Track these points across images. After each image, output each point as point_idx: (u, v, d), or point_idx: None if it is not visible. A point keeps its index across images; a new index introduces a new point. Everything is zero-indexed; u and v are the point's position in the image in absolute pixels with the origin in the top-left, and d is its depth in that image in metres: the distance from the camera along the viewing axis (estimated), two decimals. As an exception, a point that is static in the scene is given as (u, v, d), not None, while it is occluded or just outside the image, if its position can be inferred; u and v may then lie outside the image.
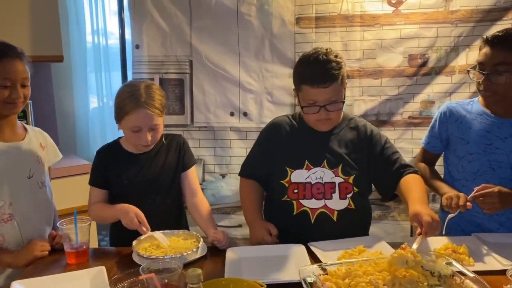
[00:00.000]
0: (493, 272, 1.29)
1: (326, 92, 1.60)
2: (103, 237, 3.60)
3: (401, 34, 2.51)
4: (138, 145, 1.71)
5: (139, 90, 1.65)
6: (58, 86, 3.31)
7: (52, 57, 2.83)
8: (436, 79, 2.52)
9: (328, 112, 1.63)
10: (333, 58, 1.61)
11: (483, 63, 1.60)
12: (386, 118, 2.58)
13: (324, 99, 1.61)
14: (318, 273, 1.23)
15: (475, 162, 1.70)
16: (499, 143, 1.66)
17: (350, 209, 1.67)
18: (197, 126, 2.70)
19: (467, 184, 1.70)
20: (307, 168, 1.69)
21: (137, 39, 2.66)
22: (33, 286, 1.32)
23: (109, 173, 1.74)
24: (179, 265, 1.16)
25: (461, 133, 1.73)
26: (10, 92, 1.53)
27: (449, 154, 1.81)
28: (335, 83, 1.60)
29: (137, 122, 1.64)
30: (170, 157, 1.79)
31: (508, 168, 1.66)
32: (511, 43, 1.56)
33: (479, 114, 1.71)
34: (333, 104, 1.62)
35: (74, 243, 1.51)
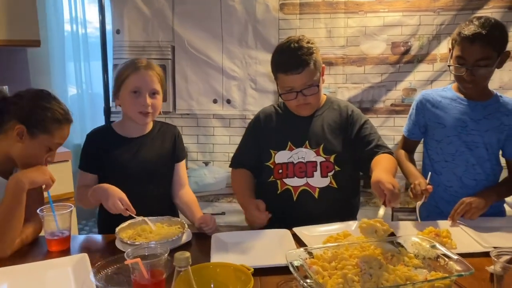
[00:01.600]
0: (476, 255, 1.32)
1: (300, 78, 1.65)
2: (83, 226, 3.56)
3: (384, 21, 2.52)
4: (137, 114, 1.68)
5: (139, 59, 1.72)
6: (34, 72, 3.22)
7: (28, 42, 2.74)
8: (418, 67, 2.55)
9: (305, 96, 1.69)
10: (304, 45, 1.66)
11: (464, 58, 1.65)
12: (369, 106, 2.59)
13: (299, 85, 1.67)
14: (304, 257, 1.23)
15: (453, 144, 1.78)
16: (474, 124, 1.74)
17: (331, 187, 1.72)
18: (180, 113, 2.67)
19: (446, 165, 1.81)
20: (289, 149, 1.76)
21: (117, 24, 2.60)
22: (13, 274, 1.29)
23: (100, 157, 1.71)
24: (165, 250, 1.14)
25: (437, 118, 1.80)
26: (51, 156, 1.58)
27: (428, 139, 1.88)
28: (308, 68, 1.65)
29: (137, 83, 1.65)
30: (165, 145, 1.78)
31: (483, 147, 1.75)
32: (490, 38, 1.60)
33: (453, 99, 1.79)
34: (309, 89, 1.68)
35: (55, 230, 1.48)
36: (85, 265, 1.32)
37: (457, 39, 1.67)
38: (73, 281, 1.26)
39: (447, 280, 1.14)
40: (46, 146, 1.53)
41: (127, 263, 1.09)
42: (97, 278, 1.21)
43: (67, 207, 1.52)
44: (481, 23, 1.62)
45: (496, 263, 1.08)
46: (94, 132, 1.80)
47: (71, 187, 2.74)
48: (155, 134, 1.78)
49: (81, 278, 1.26)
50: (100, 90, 2.81)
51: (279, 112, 1.85)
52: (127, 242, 1.43)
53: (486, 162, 1.76)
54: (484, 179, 1.76)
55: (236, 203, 2.57)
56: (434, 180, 1.79)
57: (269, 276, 1.25)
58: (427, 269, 1.22)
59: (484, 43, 1.60)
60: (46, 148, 1.53)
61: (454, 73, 1.71)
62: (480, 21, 1.63)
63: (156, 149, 1.75)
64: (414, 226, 1.62)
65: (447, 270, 1.17)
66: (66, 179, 2.71)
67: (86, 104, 3.47)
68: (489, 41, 1.60)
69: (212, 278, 1.17)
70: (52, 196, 1.52)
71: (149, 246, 1.20)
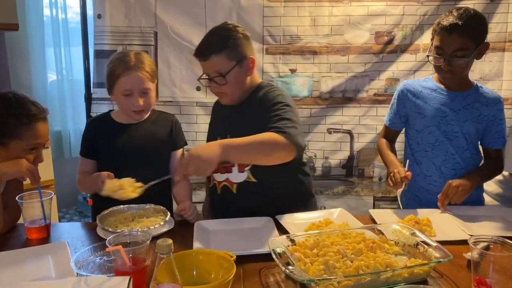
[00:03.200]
0: (455, 242, 1.34)
1: (207, 65, 1.60)
2: (64, 214, 3.51)
3: (368, 11, 2.53)
4: (131, 113, 1.71)
5: (129, 56, 1.68)
6: (12, 57, 3.14)
7: (6, 25, 2.66)
8: (401, 57, 2.56)
9: (218, 85, 1.61)
10: (222, 30, 1.61)
11: (442, 48, 1.66)
12: (352, 95, 2.61)
13: (210, 72, 1.61)
14: (287, 244, 1.24)
15: (432, 134, 1.80)
16: (453, 115, 1.76)
17: (250, 182, 1.66)
18: (162, 100, 2.64)
19: (426, 154, 1.83)
20: None
21: (99, 8, 2.54)
22: None
23: (98, 143, 1.74)
24: (146, 238, 1.14)
25: (418, 108, 1.82)
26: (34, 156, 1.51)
27: (408, 129, 1.90)
28: (217, 56, 1.57)
29: (128, 85, 1.65)
30: (161, 131, 1.78)
31: (462, 137, 1.77)
32: (468, 29, 1.62)
33: (434, 89, 1.81)
34: (218, 78, 1.59)
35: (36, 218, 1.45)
36: (65, 252, 1.30)
37: (437, 30, 1.68)
38: (53, 269, 1.25)
39: (426, 266, 1.16)
40: (23, 150, 1.48)
41: (108, 250, 1.08)
42: (78, 266, 1.20)
43: (48, 194, 1.49)
44: (460, 14, 1.63)
45: (473, 250, 1.10)
46: (93, 119, 1.89)
47: (51, 174, 2.70)
48: (152, 121, 1.78)
49: (61, 265, 1.24)
50: (81, 76, 2.75)
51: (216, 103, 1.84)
52: (108, 229, 1.42)
53: (466, 151, 1.78)
54: (463, 168, 1.79)
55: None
56: (414, 169, 1.81)
57: (251, 263, 1.25)
58: (407, 256, 1.25)
59: (461, 33, 1.61)
60: (24, 151, 1.48)
61: (433, 63, 1.72)
62: (459, 12, 1.64)
63: (152, 135, 1.75)
64: (394, 214, 1.64)
65: (426, 257, 1.20)
66: (47, 166, 2.66)
67: (67, 91, 3.40)
68: (467, 32, 1.62)
69: (195, 265, 1.17)
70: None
71: (130, 234, 1.19)
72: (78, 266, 1.20)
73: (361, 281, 1.11)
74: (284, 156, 1.47)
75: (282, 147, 1.43)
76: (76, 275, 1.16)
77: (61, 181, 2.88)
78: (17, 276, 1.21)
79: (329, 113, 2.63)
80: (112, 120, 1.77)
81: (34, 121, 1.48)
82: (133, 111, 1.70)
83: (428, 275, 1.18)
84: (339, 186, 2.69)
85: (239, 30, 1.62)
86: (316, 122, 2.63)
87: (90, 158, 1.76)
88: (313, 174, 2.67)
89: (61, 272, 1.21)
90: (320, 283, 1.08)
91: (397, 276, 1.13)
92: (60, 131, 3.41)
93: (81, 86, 2.74)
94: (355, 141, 2.64)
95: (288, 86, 2.58)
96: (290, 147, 1.44)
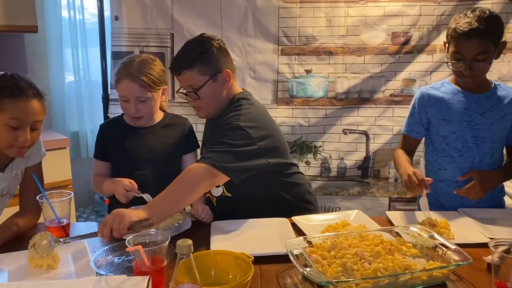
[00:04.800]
0: (474, 245, 1.33)
1: (180, 79, 1.61)
2: (81, 214, 3.56)
3: (384, 11, 2.51)
4: (132, 118, 1.74)
5: (133, 61, 1.67)
6: (31, 59, 3.19)
7: (26, 27, 2.71)
8: (417, 58, 2.54)
9: (193, 100, 1.63)
10: (196, 44, 1.60)
11: (462, 53, 1.61)
12: (368, 96, 2.59)
13: (184, 86, 1.63)
14: (304, 246, 1.24)
15: (460, 140, 1.73)
16: (479, 118, 1.71)
17: (225, 196, 1.67)
18: (178, 101, 2.65)
19: (452, 160, 1.75)
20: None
21: (116, 10, 2.57)
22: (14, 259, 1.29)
23: (111, 146, 1.77)
24: (165, 238, 1.15)
25: (441, 114, 1.75)
26: (17, 135, 1.40)
27: (431, 136, 1.82)
28: (190, 71, 1.57)
29: (122, 91, 1.68)
30: (173, 135, 1.79)
31: (490, 142, 1.71)
32: (487, 32, 1.57)
33: (454, 93, 1.75)
34: (191, 93, 1.60)
35: (54, 218, 1.48)
36: (84, 252, 1.32)
37: (453, 35, 1.62)
38: (73, 267, 1.27)
39: (445, 269, 1.15)
40: (6, 125, 1.39)
41: (128, 250, 1.10)
42: (97, 265, 1.22)
43: (66, 195, 1.51)
44: (476, 16, 1.58)
45: (493, 253, 1.09)
46: (106, 123, 1.90)
47: (69, 174, 2.73)
48: (164, 124, 1.80)
49: (81, 265, 1.26)
50: (98, 77, 2.79)
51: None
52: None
53: (493, 156, 1.72)
54: None
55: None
56: (437, 175, 1.76)
57: (269, 264, 1.25)
58: (425, 259, 1.23)
59: (481, 38, 1.56)
60: (5, 126, 1.39)
61: (453, 69, 1.67)
62: (475, 13, 1.59)
63: (163, 138, 1.77)
64: (412, 216, 1.62)
65: (445, 260, 1.19)
66: (64, 167, 2.71)
67: (84, 91, 3.44)
68: (486, 35, 1.57)
69: (213, 266, 1.18)
70: (50, 183, 1.52)
71: (149, 234, 1.20)
72: (98, 265, 1.22)
73: (379, 283, 1.11)
74: (208, 185, 1.52)
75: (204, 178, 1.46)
76: (96, 275, 1.18)
77: (78, 181, 2.92)
78: (37, 275, 1.23)
79: (345, 113, 2.62)
80: (124, 123, 1.79)
81: (18, 95, 1.39)
82: (132, 116, 1.72)
83: (447, 278, 1.17)
84: (355, 187, 2.68)
85: (214, 44, 1.60)
86: (332, 122, 2.62)
87: (104, 160, 1.78)
88: (328, 175, 2.67)
89: (81, 271, 1.23)
90: (338, 285, 1.08)
91: (415, 279, 1.13)
92: (77, 131, 3.45)
93: (98, 87, 2.78)
94: (370, 142, 2.63)
95: (303, 87, 2.59)
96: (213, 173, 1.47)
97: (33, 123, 1.43)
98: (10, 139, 1.40)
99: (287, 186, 1.72)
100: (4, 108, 1.38)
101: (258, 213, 1.59)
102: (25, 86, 1.42)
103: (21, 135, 1.40)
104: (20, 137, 1.40)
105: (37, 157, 1.62)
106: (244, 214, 1.60)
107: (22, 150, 1.45)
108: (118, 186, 1.60)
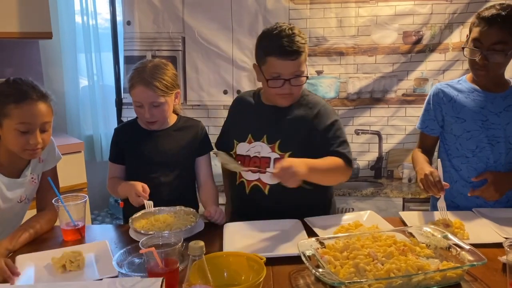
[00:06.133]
0: (489, 245, 1.32)
1: (292, 65, 1.59)
2: (95, 217, 3.60)
3: (395, 10, 2.50)
4: (145, 123, 1.76)
5: (146, 67, 1.69)
6: (47, 64, 3.25)
7: (40, 34, 2.75)
8: (430, 57, 2.52)
9: (291, 86, 1.62)
10: (297, 32, 1.60)
11: (480, 40, 1.59)
12: (380, 96, 2.58)
13: (290, 73, 1.60)
14: (316, 247, 1.24)
15: (473, 139, 1.71)
16: (494, 118, 1.68)
17: (282, 185, 1.62)
18: (190, 104, 2.68)
19: (466, 160, 1.73)
20: (249, 142, 1.72)
21: (128, 15, 2.60)
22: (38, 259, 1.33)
23: (125, 149, 1.79)
24: (178, 240, 1.16)
25: (456, 113, 1.73)
26: (28, 138, 1.44)
27: (445, 134, 1.80)
28: (301, 57, 1.59)
29: (136, 97, 1.69)
30: (186, 137, 1.80)
31: (504, 142, 1.69)
32: (509, 22, 1.56)
33: (470, 91, 1.72)
34: (297, 79, 1.61)
35: (69, 221, 1.50)
36: (107, 252, 1.36)
37: (476, 22, 1.62)
38: (96, 267, 1.30)
39: (459, 269, 1.14)
40: (14, 130, 1.43)
41: (141, 252, 1.11)
42: (119, 265, 1.24)
43: (81, 198, 1.54)
44: (502, 7, 1.58)
45: (508, 253, 1.08)
46: (121, 126, 1.95)
47: (84, 178, 2.77)
48: (178, 127, 1.81)
49: (104, 264, 1.30)
50: (111, 81, 2.82)
51: (251, 101, 1.80)
52: (140, 231, 1.45)
53: (506, 157, 1.69)
54: None
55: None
56: (452, 176, 1.75)
57: (281, 265, 1.26)
58: (439, 259, 1.23)
59: (502, 26, 1.55)
60: (15, 131, 1.43)
61: (468, 56, 1.65)
62: (502, 5, 1.59)
63: (177, 141, 1.78)
64: (426, 216, 1.61)
65: (459, 260, 1.18)
66: (79, 170, 2.74)
67: (98, 96, 3.48)
68: (508, 25, 1.55)
69: (225, 267, 1.18)
70: (65, 187, 1.55)
71: (162, 236, 1.21)
72: (120, 265, 1.25)
73: (392, 284, 1.10)
74: (341, 180, 1.66)
75: (344, 173, 1.62)
76: (118, 274, 1.21)
77: (92, 184, 2.95)
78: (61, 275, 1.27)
79: (357, 114, 2.61)
80: (138, 127, 1.80)
81: (23, 100, 1.42)
82: (146, 121, 1.73)
83: (462, 278, 1.16)
84: (368, 187, 2.66)
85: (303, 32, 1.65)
86: (344, 123, 2.60)
87: (119, 163, 1.81)
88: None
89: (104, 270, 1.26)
90: (350, 286, 1.08)
91: (429, 280, 1.12)
92: (92, 135, 3.49)
93: (112, 91, 2.81)
94: (383, 142, 2.61)
95: (315, 88, 2.58)
96: (349, 173, 1.63)
97: (42, 125, 1.47)
98: (22, 143, 1.44)
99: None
100: (11, 114, 1.42)
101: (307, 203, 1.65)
102: (28, 89, 1.45)
103: (32, 139, 1.44)
104: (31, 140, 1.44)
105: (52, 161, 1.66)
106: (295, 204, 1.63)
107: (35, 152, 1.48)
108: (131, 190, 1.62)
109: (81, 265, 1.29)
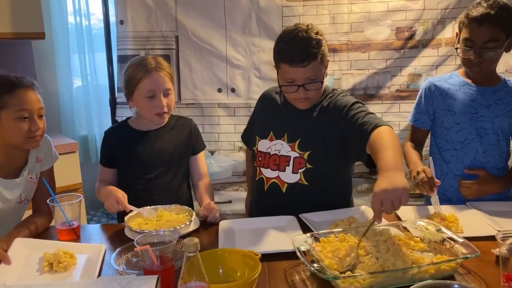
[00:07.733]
0: (482, 238, 1.33)
1: (304, 71, 1.54)
2: (92, 217, 3.59)
3: (388, 6, 2.51)
4: (154, 117, 1.72)
5: (147, 59, 1.71)
6: (40, 65, 3.23)
7: (33, 34, 2.74)
8: (422, 52, 2.53)
9: (306, 91, 1.58)
10: (313, 36, 1.54)
11: (472, 40, 1.62)
12: (374, 92, 2.59)
13: (303, 78, 1.55)
14: (311, 242, 1.25)
15: (463, 131, 1.74)
16: (484, 111, 1.71)
17: (301, 184, 1.65)
18: (185, 103, 2.68)
19: (456, 153, 1.77)
20: (270, 139, 1.71)
21: (121, 14, 2.60)
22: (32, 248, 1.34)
23: (117, 152, 1.77)
24: (173, 238, 1.16)
25: (447, 105, 1.76)
26: (29, 125, 1.46)
27: (436, 127, 1.84)
28: (314, 62, 1.53)
29: (151, 86, 1.67)
30: (180, 137, 1.80)
31: (493, 134, 1.72)
32: (499, 19, 1.58)
33: (462, 85, 1.76)
34: (312, 84, 1.57)
35: (64, 220, 1.50)
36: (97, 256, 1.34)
37: (465, 22, 1.63)
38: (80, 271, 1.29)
39: (453, 262, 1.15)
40: (14, 119, 1.44)
41: (137, 250, 1.11)
42: (117, 263, 1.24)
43: (76, 197, 1.54)
44: (489, 4, 1.59)
45: (501, 246, 1.09)
46: (111, 129, 1.90)
47: (79, 178, 2.76)
48: (171, 126, 1.81)
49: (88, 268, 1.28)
50: (105, 81, 2.82)
51: (275, 98, 1.77)
52: (136, 230, 1.45)
53: (496, 149, 1.73)
54: (493, 167, 1.74)
55: (243, 191, 2.60)
56: (443, 168, 1.78)
57: (276, 261, 1.26)
58: (433, 253, 1.24)
59: (492, 24, 1.57)
60: (16, 120, 1.44)
61: (462, 56, 1.67)
62: (489, 3, 1.60)
63: (171, 140, 1.78)
64: (420, 210, 1.62)
65: (453, 253, 1.19)
66: (74, 170, 2.74)
67: (92, 96, 3.47)
68: (498, 22, 1.57)
69: (221, 264, 1.18)
70: (61, 187, 1.54)
71: (158, 234, 1.21)
72: (118, 263, 1.25)
73: (387, 278, 1.11)
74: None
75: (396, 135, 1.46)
76: (116, 272, 1.21)
77: (88, 185, 2.94)
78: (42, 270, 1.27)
79: (351, 110, 2.61)
80: (130, 128, 1.79)
81: (16, 88, 1.44)
82: (156, 114, 1.71)
83: (455, 271, 1.17)
84: (363, 183, 2.67)
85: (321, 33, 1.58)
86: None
87: (109, 167, 1.79)
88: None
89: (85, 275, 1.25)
90: (345, 280, 1.08)
91: (423, 273, 1.13)
92: (87, 135, 3.48)
93: (106, 91, 2.81)
94: (378, 138, 2.62)
95: (309, 85, 2.58)
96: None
97: (39, 110, 1.49)
98: (24, 131, 1.46)
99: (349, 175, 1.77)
100: (7, 104, 1.44)
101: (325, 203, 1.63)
102: (17, 79, 1.47)
103: (33, 125, 1.47)
104: (32, 126, 1.47)
105: (50, 161, 1.66)
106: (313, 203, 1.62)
107: (37, 139, 1.50)
108: (111, 196, 1.58)
109: (67, 267, 1.27)
